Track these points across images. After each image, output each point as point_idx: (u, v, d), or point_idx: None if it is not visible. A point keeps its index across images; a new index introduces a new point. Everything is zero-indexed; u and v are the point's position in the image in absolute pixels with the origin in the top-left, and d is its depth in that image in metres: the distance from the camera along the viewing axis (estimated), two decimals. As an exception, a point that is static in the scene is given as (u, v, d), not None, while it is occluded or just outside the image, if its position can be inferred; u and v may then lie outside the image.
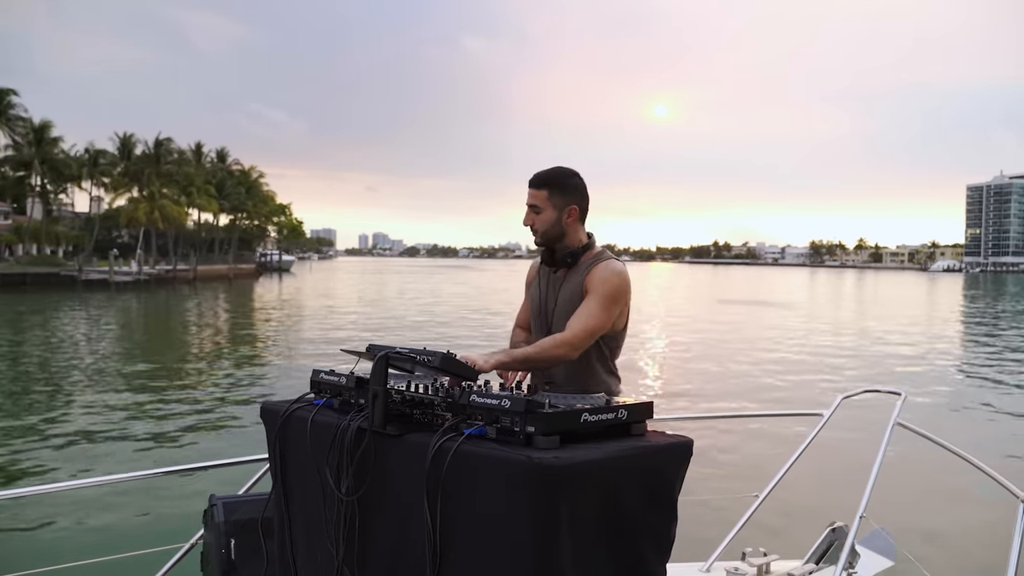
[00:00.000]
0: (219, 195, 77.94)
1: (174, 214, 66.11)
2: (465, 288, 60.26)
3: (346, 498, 1.99)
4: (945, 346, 24.69)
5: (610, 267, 2.54)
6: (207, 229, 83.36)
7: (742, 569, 3.08)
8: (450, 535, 1.75)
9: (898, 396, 3.44)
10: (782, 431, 10.43)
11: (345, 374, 2.19)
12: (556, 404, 1.82)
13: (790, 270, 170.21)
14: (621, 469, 1.79)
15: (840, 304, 47.93)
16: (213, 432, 11.37)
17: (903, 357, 20.97)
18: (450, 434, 1.78)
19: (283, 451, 2.30)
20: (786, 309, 38.80)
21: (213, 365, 18.33)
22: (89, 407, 12.86)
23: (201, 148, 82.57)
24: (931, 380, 16.97)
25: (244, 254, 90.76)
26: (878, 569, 3.29)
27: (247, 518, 2.60)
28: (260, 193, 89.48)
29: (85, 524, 7.03)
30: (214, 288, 57.70)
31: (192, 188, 70.85)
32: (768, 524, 4.62)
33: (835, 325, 31.79)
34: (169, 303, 42.79)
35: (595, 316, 2.47)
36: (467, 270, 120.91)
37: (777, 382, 16.41)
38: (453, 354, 1.99)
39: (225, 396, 14.20)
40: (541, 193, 2.57)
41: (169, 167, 70.21)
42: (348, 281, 73.42)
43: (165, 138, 71.43)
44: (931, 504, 7.79)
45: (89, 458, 9.70)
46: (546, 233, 2.59)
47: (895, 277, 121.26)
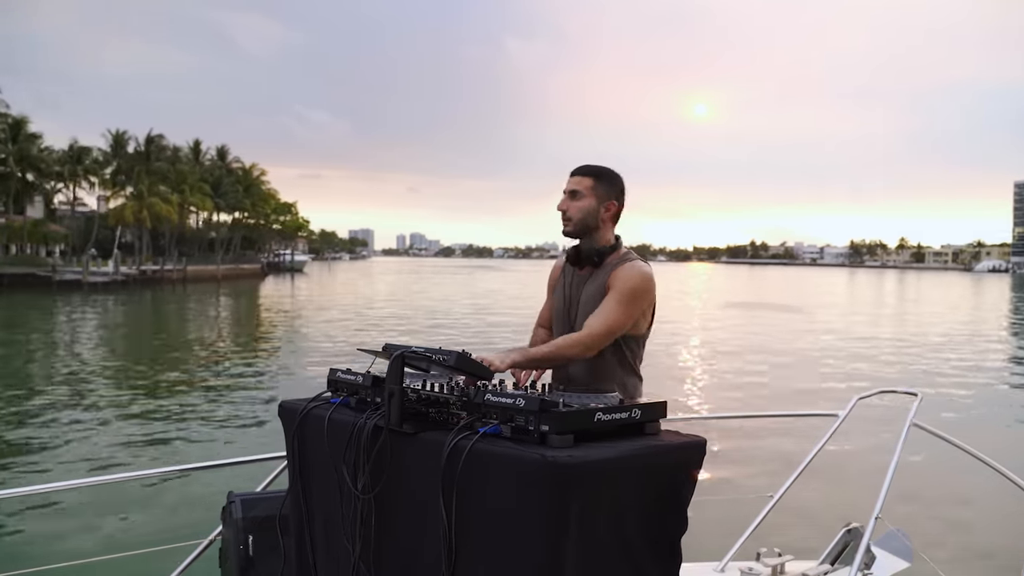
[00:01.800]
0: (215, 193, 75.54)
1: (163, 213, 63.51)
2: (455, 289, 59.17)
3: (362, 495, 2.01)
4: (982, 347, 24.14)
5: (635, 267, 2.50)
6: (212, 228, 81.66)
7: (756, 569, 3.07)
8: (465, 532, 1.77)
9: (914, 397, 3.42)
10: (797, 431, 10.38)
11: (362, 373, 2.22)
12: (570, 403, 1.83)
13: (828, 271, 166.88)
14: (635, 468, 1.80)
15: (871, 307, 46.34)
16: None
17: (931, 359, 20.67)
18: (465, 432, 1.80)
19: (301, 449, 2.33)
20: (794, 312, 38.16)
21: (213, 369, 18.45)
22: (96, 409, 13.00)
23: (200, 146, 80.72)
24: (956, 383, 16.74)
25: (247, 254, 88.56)
26: (894, 570, 3.27)
27: (265, 515, 2.62)
28: (260, 191, 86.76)
29: (106, 520, 7.12)
30: (200, 290, 54.69)
31: (184, 186, 68.49)
32: (783, 524, 4.60)
33: (868, 326, 31.43)
34: (127, 306, 40.53)
35: (613, 315, 2.43)
36: (491, 271, 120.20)
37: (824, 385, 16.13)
38: (468, 353, 2.01)
39: (246, 394, 14.31)
40: (586, 180, 2.54)
41: (160, 165, 67.67)
42: (358, 283, 71.33)
43: (157, 135, 69.32)
44: (947, 505, 7.73)
45: (110, 456, 9.80)
46: (581, 221, 2.54)
47: (937, 278, 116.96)
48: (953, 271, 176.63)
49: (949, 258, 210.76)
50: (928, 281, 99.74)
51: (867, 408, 3.79)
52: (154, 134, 68.87)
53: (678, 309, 37.12)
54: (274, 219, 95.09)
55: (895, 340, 25.41)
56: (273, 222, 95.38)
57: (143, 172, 64.70)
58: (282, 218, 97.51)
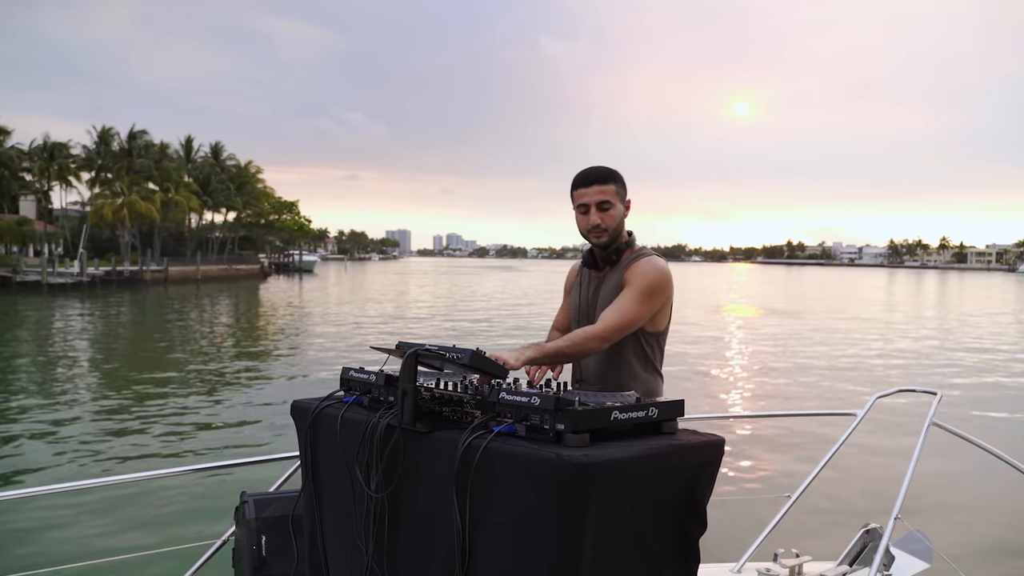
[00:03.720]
0: (204, 191, 72.39)
1: (143, 211, 60.21)
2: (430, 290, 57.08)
3: (375, 495, 2.00)
4: (1009, 348, 23.53)
5: (650, 262, 2.49)
6: (211, 229, 79.12)
7: (774, 570, 3.04)
8: (478, 531, 1.75)
9: (934, 396, 3.38)
10: (815, 431, 10.31)
11: (375, 371, 2.20)
12: (586, 402, 1.81)
13: (866, 271, 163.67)
14: (651, 468, 1.77)
15: (909, 308, 44.10)
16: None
17: (953, 359, 20.39)
18: (479, 431, 1.78)
19: (313, 448, 2.31)
20: (794, 318, 37.30)
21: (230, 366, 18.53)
22: (102, 407, 13.08)
23: (192, 143, 77.96)
24: (978, 383, 16.51)
25: (244, 254, 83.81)
26: (913, 571, 3.22)
27: (278, 515, 2.62)
28: (255, 190, 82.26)
29: (120, 520, 7.15)
30: (178, 293, 49.07)
31: (169, 184, 65.32)
32: (801, 525, 4.55)
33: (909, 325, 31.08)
34: (64, 310, 34.56)
35: (628, 309, 2.41)
36: (509, 271, 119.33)
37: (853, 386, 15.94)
38: (483, 351, 1.98)
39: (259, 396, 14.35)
40: (610, 188, 2.50)
41: (143, 161, 64.94)
42: (367, 285, 65.41)
43: (139, 130, 67.12)
44: (968, 505, 7.65)
45: (123, 455, 9.85)
46: (615, 230, 2.52)
47: (979, 279, 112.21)
48: (996, 271, 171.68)
49: (992, 258, 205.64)
50: (970, 282, 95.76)
51: (886, 407, 3.74)
52: (136, 129, 67.19)
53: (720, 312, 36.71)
54: (274, 218, 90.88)
55: (929, 340, 25.01)
56: (274, 222, 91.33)
57: (123, 169, 62.88)
58: (282, 217, 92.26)
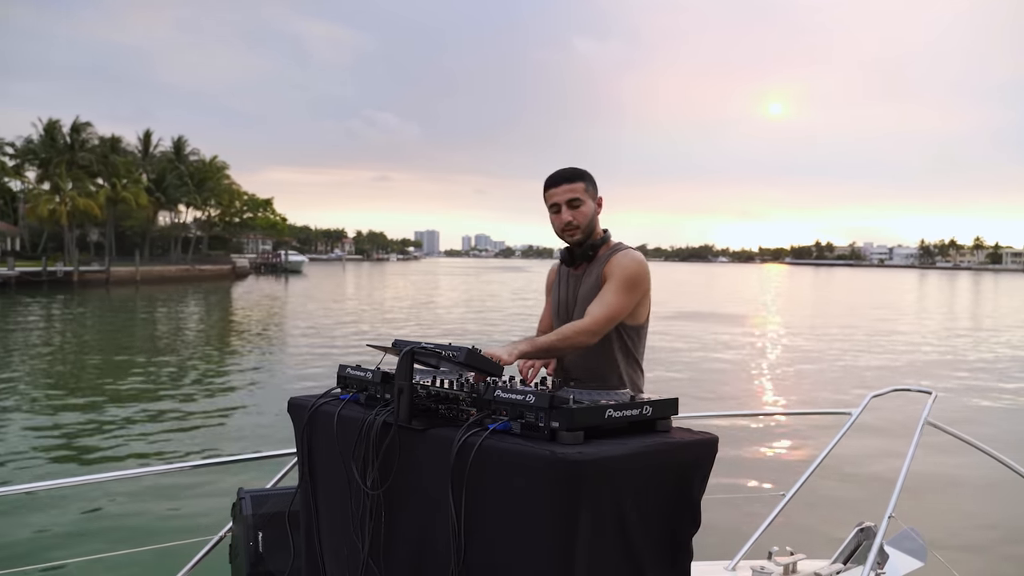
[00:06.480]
0: (158, 188, 68.10)
1: (83, 207, 56.68)
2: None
3: (372, 492, 2.01)
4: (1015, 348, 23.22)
5: (628, 255, 2.55)
6: (181, 227, 75.20)
7: (768, 568, 3.05)
8: (474, 528, 1.76)
9: (928, 395, 3.39)
10: (810, 430, 10.34)
11: (371, 369, 2.22)
12: (580, 400, 1.83)
13: (896, 272, 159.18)
14: (645, 465, 1.78)
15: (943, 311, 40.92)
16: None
17: (955, 357, 20.36)
18: (475, 429, 1.79)
19: (310, 445, 2.33)
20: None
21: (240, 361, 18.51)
22: (105, 405, 13.07)
23: (150, 137, 73.12)
24: (974, 384, 16.48)
25: (212, 254, 77.74)
26: (907, 570, 3.24)
27: (275, 511, 2.62)
28: (217, 186, 75.97)
29: (117, 516, 7.15)
30: (119, 295, 43.99)
31: (115, 179, 61.37)
32: (795, 523, 4.57)
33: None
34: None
35: (613, 301, 2.47)
36: (510, 272, 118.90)
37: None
38: (478, 349, 2.00)
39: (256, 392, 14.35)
40: (579, 186, 2.57)
41: (86, 155, 60.48)
42: (344, 286, 60.17)
43: (84, 122, 62.25)
44: (962, 504, 7.67)
45: (123, 451, 9.85)
46: (588, 226, 2.59)
47: (1017, 281, 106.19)
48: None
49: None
50: (1006, 284, 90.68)
51: (881, 406, 3.76)
52: (80, 121, 61.66)
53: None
54: (249, 217, 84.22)
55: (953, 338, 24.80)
56: (248, 220, 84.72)
57: (62, 164, 58.19)
58: (256, 215, 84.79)
